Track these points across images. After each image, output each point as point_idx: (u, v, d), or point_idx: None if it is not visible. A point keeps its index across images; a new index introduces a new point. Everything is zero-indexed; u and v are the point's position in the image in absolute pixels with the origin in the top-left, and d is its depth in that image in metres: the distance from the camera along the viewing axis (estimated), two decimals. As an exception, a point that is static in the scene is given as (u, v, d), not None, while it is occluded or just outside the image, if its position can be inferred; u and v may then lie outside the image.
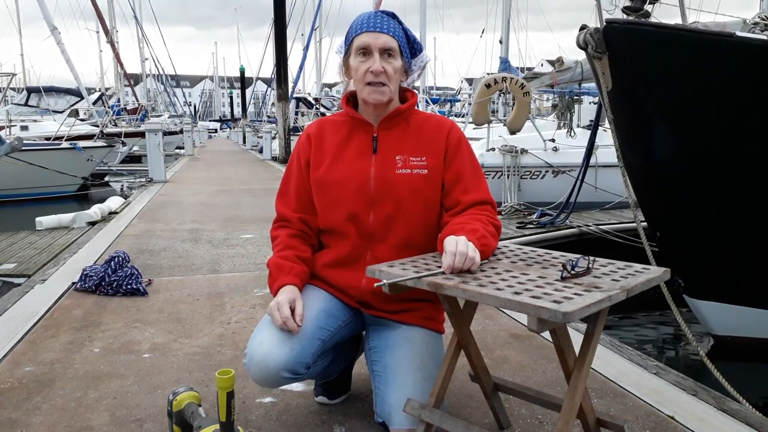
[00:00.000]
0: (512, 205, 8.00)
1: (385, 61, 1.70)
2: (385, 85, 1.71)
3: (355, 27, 1.74)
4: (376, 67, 1.68)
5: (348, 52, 1.77)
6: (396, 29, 1.74)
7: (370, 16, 1.74)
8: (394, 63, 1.72)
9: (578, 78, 7.49)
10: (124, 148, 16.10)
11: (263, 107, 44.87)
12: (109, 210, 7.06)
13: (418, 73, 1.87)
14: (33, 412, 2.05)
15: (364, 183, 1.76)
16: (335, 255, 1.83)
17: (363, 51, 1.71)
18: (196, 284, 3.79)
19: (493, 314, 3.11)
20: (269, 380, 1.68)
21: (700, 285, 4.26)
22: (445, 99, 26.80)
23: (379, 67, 1.68)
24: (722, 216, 3.93)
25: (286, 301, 1.69)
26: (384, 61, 1.70)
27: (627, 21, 3.60)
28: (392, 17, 1.76)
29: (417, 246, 1.78)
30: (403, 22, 1.79)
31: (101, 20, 27.94)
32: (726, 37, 3.52)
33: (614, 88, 3.73)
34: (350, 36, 1.75)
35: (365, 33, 1.71)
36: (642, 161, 4.00)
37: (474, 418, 1.99)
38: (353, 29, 1.74)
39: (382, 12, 1.76)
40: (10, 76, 19.34)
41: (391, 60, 1.71)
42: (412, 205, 1.76)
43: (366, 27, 1.71)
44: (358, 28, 1.73)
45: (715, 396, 2.20)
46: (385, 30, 1.71)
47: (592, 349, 1.43)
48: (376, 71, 1.69)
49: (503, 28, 16.82)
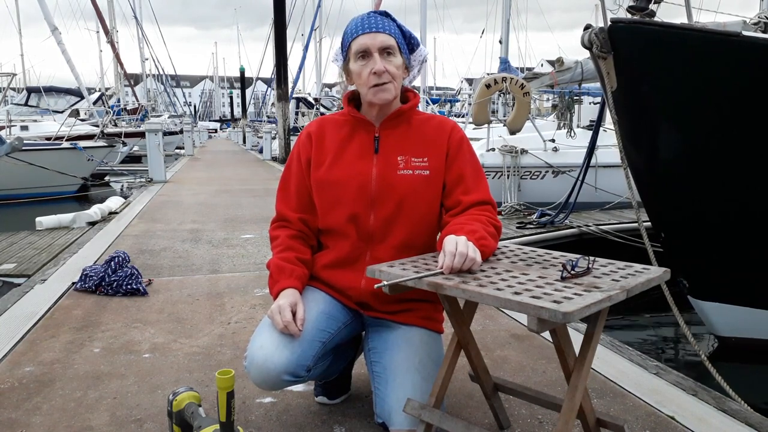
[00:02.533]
0: (512, 206, 8.00)
1: (386, 60, 1.69)
2: (389, 83, 1.70)
3: (350, 31, 1.73)
4: (379, 67, 1.67)
5: (346, 57, 1.75)
6: (391, 27, 1.72)
7: (363, 18, 1.73)
8: (394, 60, 1.71)
9: (578, 78, 7.50)
10: (125, 148, 16.10)
11: (263, 107, 44.89)
12: (109, 210, 7.06)
13: (418, 68, 1.85)
14: (33, 412, 2.05)
15: (365, 183, 1.75)
16: (334, 256, 1.83)
17: (362, 54, 1.69)
18: (196, 284, 3.79)
19: (493, 314, 3.11)
20: (270, 383, 1.68)
21: (704, 286, 4.24)
22: (445, 99, 26.82)
23: (381, 67, 1.67)
24: (728, 216, 3.92)
25: (288, 304, 1.68)
26: (384, 60, 1.69)
27: (632, 20, 3.58)
28: (385, 15, 1.75)
29: (417, 247, 1.78)
30: (397, 19, 1.78)
31: (101, 20, 27.97)
32: (732, 36, 3.52)
33: (619, 88, 3.72)
34: (347, 41, 1.73)
35: (362, 35, 1.69)
36: (647, 162, 3.99)
37: (474, 418, 1.99)
38: (348, 34, 1.73)
39: (375, 12, 1.75)
40: (11, 77, 19.36)
41: (392, 58, 1.70)
42: (413, 206, 1.75)
43: (361, 29, 1.70)
44: (353, 32, 1.71)
45: (715, 396, 2.20)
46: (381, 29, 1.69)
47: (592, 349, 1.43)
48: (379, 71, 1.67)
49: (503, 28, 16.82)
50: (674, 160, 3.91)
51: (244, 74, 42.65)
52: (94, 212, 6.69)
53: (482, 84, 8.85)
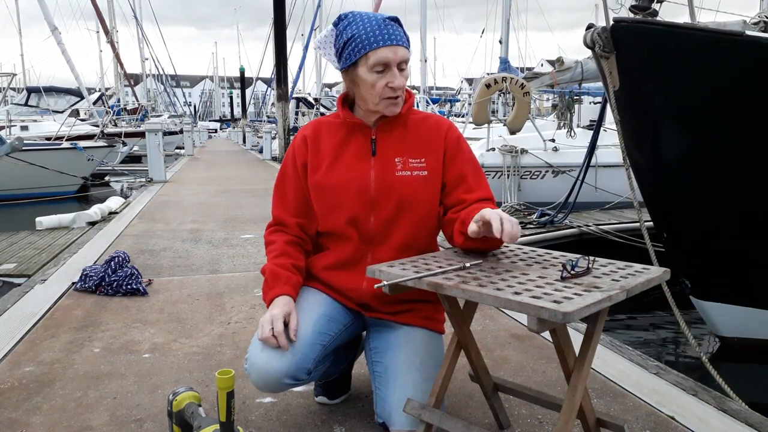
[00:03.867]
0: (512, 205, 8.00)
1: (401, 73, 1.67)
2: (401, 97, 1.70)
3: (367, 38, 1.61)
4: (398, 83, 1.64)
5: (356, 63, 1.67)
6: (405, 38, 1.68)
7: (381, 27, 1.62)
8: (406, 73, 1.69)
9: (578, 78, 7.50)
10: (125, 148, 16.10)
11: (263, 107, 44.86)
12: (109, 210, 7.06)
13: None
14: (33, 412, 2.05)
15: (364, 186, 1.74)
16: (336, 257, 1.82)
17: (382, 67, 1.63)
18: (196, 284, 3.79)
19: (493, 314, 3.11)
20: (270, 386, 1.68)
21: (707, 286, 4.24)
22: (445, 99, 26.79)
23: (402, 84, 1.65)
24: (731, 217, 3.92)
25: (281, 315, 1.66)
26: (400, 74, 1.66)
27: (635, 20, 3.58)
28: (397, 22, 1.69)
29: (417, 248, 1.78)
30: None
31: (101, 20, 27.98)
32: (736, 36, 3.51)
33: (621, 88, 3.71)
34: (362, 48, 1.62)
35: (383, 48, 1.61)
36: (650, 162, 3.98)
37: (474, 418, 1.99)
38: (367, 41, 1.61)
39: (389, 19, 1.67)
40: (11, 76, 19.38)
41: (405, 72, 1.68)
42: (412, 207, 1.75)
43: (383, 41, 1.61)
44: (373, 41, 1.61)
45: (715, 396, 2.20)
46: (401, 42, 1.64)
47: (592, 349, 1.43)
48: (398, 87, 1.65)
49: (503, 28, 16.83)
50: (677, 160, 3.91)
51: (244, 74, 42.64)
52: (94, 212, 6.69)
53: (482, 84, 8.86)
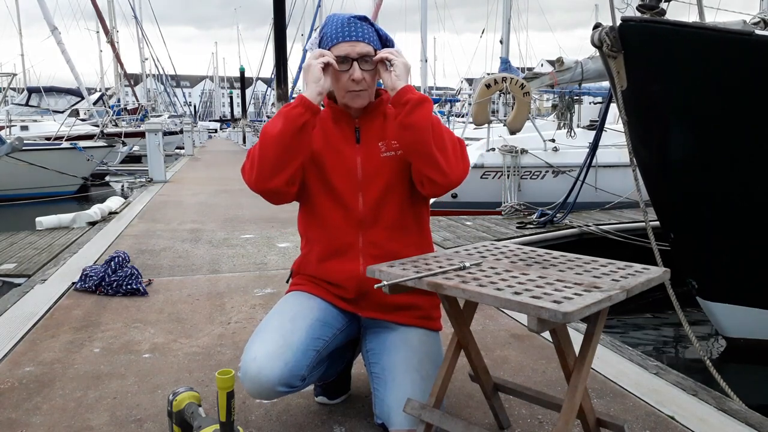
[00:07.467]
0: (512, 205, 7.99)
1: (363, 67, 1.72)
2: (365, 90, 1.75)
3: (330, 35, 1.74)
4: (357, 75, 1.71)
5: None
6: (370, 34, 1.75)
7: (343, 24, 1.74)
8: (369, 66, 1.74)
9: (578, 78, 7.50)
10: (125, 148, 16.12)
11: (263, 107, 44.87)
12: (109, 210, 7.05)
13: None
14: (33, 412, 2.05)
15: (351, 169, 1.80)
16: (326, 245, 1.84)
17: (342, 60, 1.71)
18: (196, 284, 3.79)
19: (493, 314, 3.11)
20: (264, 394, 1.68)
21: (714, 287, 4.23)
22: (445, 99, 26.77)
23: (360, 75, 1.71)
24: (739, 217, 3.90)
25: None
26: (362, 67, 1.72)
27: (643, 19, 3.56)
28: (364, 20, 1.77)
29: (407, 227, 1.83)
30: (375, 23, 1.81)
31: (101, 20, 27.94)
32: (745, 35, 3.50)
33: (629, 88, 3.70)
34: (326, 45, 1.74)
35: (344, 43, 1.72)
36: (658, 162, 3.96)
37: (474, 418, 1.99)
38: (329, 37, 1.74)
39: (355, 18, 1.77)
40: (11, 77, 19.38)
41: (368, 66, 1.74)
42: (398, 185, 1.80)
43: (342, 37, 1.72)
44: (334, 37, 1.73)
45: (715, 396, 2.20)
46: (361, 38, 1.72)
47: (592, 349, 1.43)
48: (357, 79, 1.72)
49: (503, 28, 16.84)
50: (686, 160, 3.88)
51: (244, 74, 42.61)
52: (94, 212, 6.68)
53: (482, 84, 8.85)
